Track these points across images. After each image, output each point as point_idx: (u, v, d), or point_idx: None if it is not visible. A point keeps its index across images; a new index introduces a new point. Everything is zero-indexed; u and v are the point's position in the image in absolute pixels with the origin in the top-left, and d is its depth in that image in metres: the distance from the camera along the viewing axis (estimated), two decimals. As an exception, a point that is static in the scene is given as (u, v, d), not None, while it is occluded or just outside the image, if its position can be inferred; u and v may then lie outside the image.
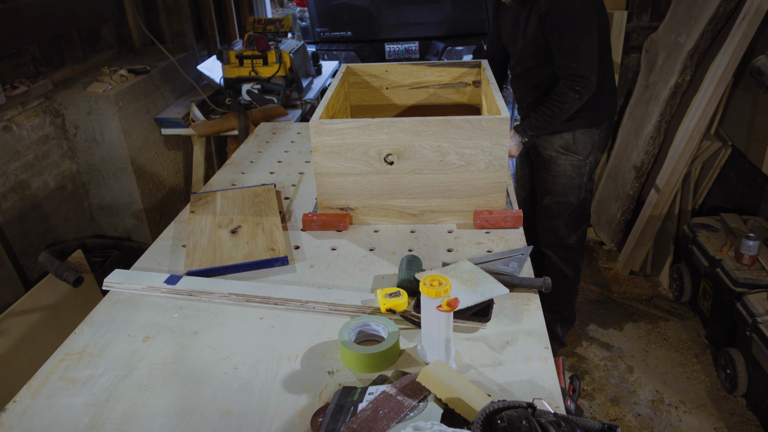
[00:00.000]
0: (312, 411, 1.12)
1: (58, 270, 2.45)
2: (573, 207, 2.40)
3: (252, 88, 3.32)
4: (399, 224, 1.79)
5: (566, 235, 2.46)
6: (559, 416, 0.93)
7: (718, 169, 3.04)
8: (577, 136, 2.27)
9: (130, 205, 3.07)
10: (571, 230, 2.45)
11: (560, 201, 2.39)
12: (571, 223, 2.44)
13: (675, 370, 2.63)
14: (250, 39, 3.38)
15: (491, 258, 1.57)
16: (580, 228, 2.48)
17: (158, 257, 1.68)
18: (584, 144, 2.29)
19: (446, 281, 1.15)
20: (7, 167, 2.48)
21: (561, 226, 2.44)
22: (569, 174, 2.34)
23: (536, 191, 2.51)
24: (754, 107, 2.70)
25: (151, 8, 3.61)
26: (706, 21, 2.83)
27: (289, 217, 1.88)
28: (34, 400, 1.18)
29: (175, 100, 3.46)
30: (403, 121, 1.64)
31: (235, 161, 2.33)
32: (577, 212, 2.42)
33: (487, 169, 1.69)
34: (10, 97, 2.51)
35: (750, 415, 2.36)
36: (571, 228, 2.45)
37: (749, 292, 2.41)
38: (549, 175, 2.38)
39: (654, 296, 3.14)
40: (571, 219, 2.42)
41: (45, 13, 2.79)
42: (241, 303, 1.45)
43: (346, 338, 1.24)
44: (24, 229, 2.57)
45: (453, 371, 1.08)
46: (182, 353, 1.30)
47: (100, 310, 1.46)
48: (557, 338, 2.71)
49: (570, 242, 2.47)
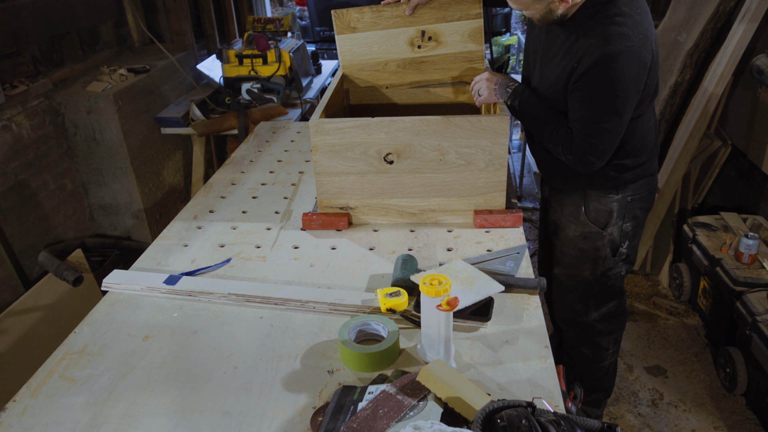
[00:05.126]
0: (312, 410, 1.12)
1: (57, 269, 2.45)
2: (588, 282, 1.94)
3: (252, 88, 3.31)
4: (399, 223, 1.79)
5: (582, 312, 2.01)
6: (559, 415, 0.93)
7: (718, 168, 3.04)
8: (590, 204, 1.83)
9: (129, 205, 3.07)
10: (590, 307, 1.99)
11: (570, 274, 1.97)
12: (589, 300, 1.98)
13: (675, 369, 2.63)
14: (249, 38, 3.38)
15: (487, 257, 1.57)
16: (605, 306, 1.99)
17: (158, 256, 1.68)
18: (599, 213, 1.83)
19: (446, 280, 1.15)
20: (6, 166, 2.48)
21: (574, 301, 2.01)
22: (579, 245, 1.89)
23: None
24: (754, 106, 2.70)
25: (150, 7, 3.61)
26: (706, 20, 2.83)
27: (288, 216, 1.88)
28: (33, 400, 1.18)
29: (174, 99, 3.46)
30: (402, 120, 1.64)
31: (235, 160, 2.33)
32: (595, 289, 1.95)
33: (487, 169, 1.69)
34: (9, 97, 2.51)
35: (749, 413, 2.37)
36: (589, 305, 1.99)
37: (749, 291, 2.41)
38: (558, 241, 1.96)
39: (654, 295, 3.14)
40: (589, 295, 1.97)
41: (44, 12, 2.79)
42: (240, 303, 1.45)
43: (346, 337, 1.24)
44: (24, 228, 2.57)
45: (453, 370, 1.08)
46: (182, 353, 1.30)
47: (100, 310, 1.46)
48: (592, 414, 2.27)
49: (587, 320, 2.01)
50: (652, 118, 1.80)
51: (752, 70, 2.59)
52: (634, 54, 1.49)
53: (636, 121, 1.70)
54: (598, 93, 1.55)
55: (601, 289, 1.96)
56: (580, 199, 1.84)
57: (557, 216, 1.93)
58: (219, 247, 1.71)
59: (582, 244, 1.88)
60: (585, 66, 1.53)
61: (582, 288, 1.96)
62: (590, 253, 1.89)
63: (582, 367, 2.15)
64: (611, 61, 1.49)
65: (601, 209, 1.82)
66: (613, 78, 1.51)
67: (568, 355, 2.17)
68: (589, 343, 2.08)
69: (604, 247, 1.87)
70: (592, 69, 1.52)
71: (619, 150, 1.71)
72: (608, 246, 1.87)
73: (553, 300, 2.10)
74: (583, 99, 1.59)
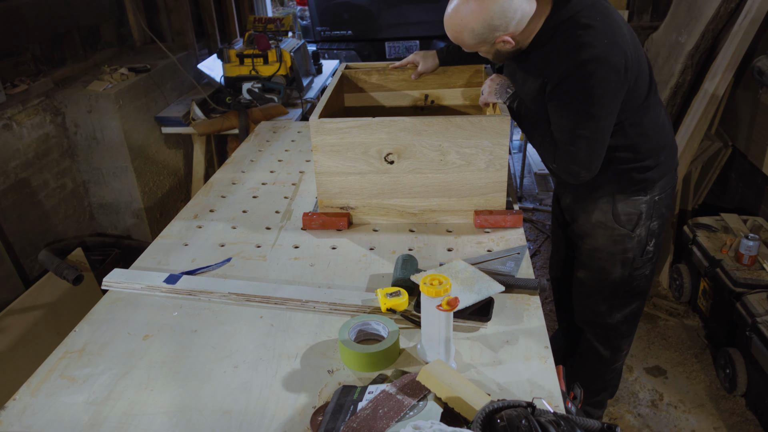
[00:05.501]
0: (312, 410, 1.12)
1: (58, 268, 2.45)
2: (615, 284, 1.93)
3: (252, 87, 3.31)
4: (399, 223, 1.79)
5: (606, 313, 2.00)
6: (559, 415, 0.93)
7: (719, 169, 3.04)
8: (618, 208, 1.82)
9: (130, 204, 3.08)
10: (614, 308, 1.99)
11: (597, 278, 1.96)
12: (614, 302, 1.98)
13: (674, 370, 2.63)
14: (250, 38, 3.38)
15: (487, 258, 1.57)
16: (628, 307, 1.99)
17: (158, 255, 1.68)
18: (628, 216, 1.82)
19: (446, 280, 1.15)
20: (7, 165, 2.48)
21: (599, 303, 2.00)
22: (609, 250, 1.89)
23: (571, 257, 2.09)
24: (754, 107, 2.70)
25: (151, 7, 3.61)
26: (707, 21, 2.83)
27: (289, 216, 1.88)
28: (33, 398, 1.18)
29: (175, 98, 3.46)
30: (403, 120, 1.64)
31: (236, 160, 2.33)
32: (621, 290, 1.95)
33: (488, 169, 1.69)
34: (10, 96, 2.51)
35: (749, 414, 2.37)
36: (614, 306, 1.99)
37: (749, 292, 2.41)
38: (584, 245, 1.95)
39: (654, 296, 3.14)
40: (614, 297, 1.97)
41: (45, 11, 2.79)
42: (241, 302, 1.45)
43: (346, 337, 1.24)
44: (24, 227, 2.57)
45: (453, 370, 1.08)
46: (182, 352, 1.30)
47: (100, 309, 1.46)
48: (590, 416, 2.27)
49: (611, 321, 2.01)
50: (661, 114, 1.79)
51: (753, 72, 2.59)
52: (602, 59, 1.50)
53: (643, 120, 1.70)
54: (572, 102, 1.56)
55: (627, 291, 1.95)
56: (608, 205, 1.83)
57: (583, 222, 1.91)
58: (219, 247, 1.71)
59: (611, 248, 1.88)
60: (555, 81, 1.56)
61: (608, 290, 1.96)
62: (619, 256, 1.88)
63: (596, 369, 2.15)
64: (579, 70, 1.51)
65: (630, 212, 1.82)
66: (584, 86, 1.53)
67: (584, 357, 2.17)
68: (609, 345, 2.09)
69: (633, 248, 1.87)
70: (562, 82, 1.55)
71: (638, 152, 1.72)
72: (637, 247, 1.87)
73: (575, 302, 2.09)
74: (558, 110, 1.61)
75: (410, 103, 2.21)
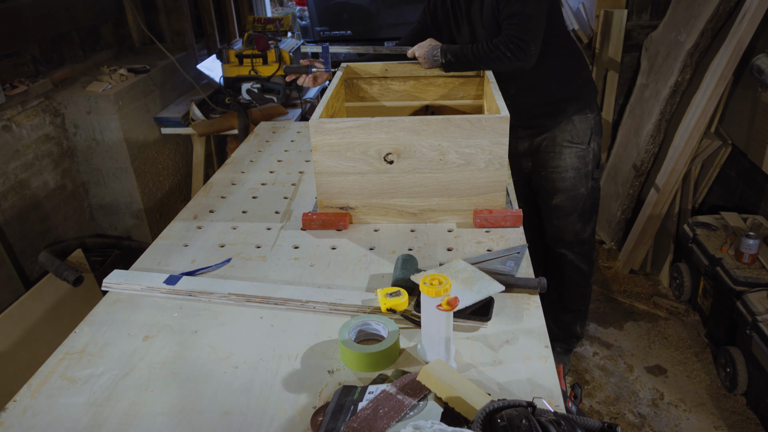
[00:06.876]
0: (312, 410, 1.12)
1: (58, 269, 2.45)
2: (584, 198, 2.33)
3: (252, 87, 3.32)
4: (399, 223, 1.79)
5: (581, 229, 2.40)
6: (559, 415, 0.93)
7: (718, 168, 3.04)
8: (575, 124, 2.24)
9: (129, 205, 3.08)
10: (586, 223, 2.40)
11: (572, 195, 2.32)
12: (585, 216, 2.38)
13: (675, 369, 2.63)
14: (249, 38, 3.38)
15: (487, 257, 1.57)
16: (593, 219, 2.43)
17: (158, 256, 1.68)
18: (584, 131, 2.25)
19: (446, 280, 1.15)
20: (6, 166, 2.48)
21: (576, 221, 2.37)
22: (576, 166, 2.28)
23: (539, 195, 2.42)
24: (754, 106, 2.70)
25: (150, 8, 3.61)
26: (707, 19, 2.83)
27: (288, 216, 1.88)
28: (34, 400, 1.18)
29: (174, 99, 3.46)
30: (402, 120, 1.64)
31: (235, 160, 2.33)
32: (588, 203, 2.36)
33: (487, 168, 1.69)
34: (9, 97, 2.51)
35: (750, 413, 2.37)
36: (585, 221, 2.39)
37: (749, 290, 2.41)
38: (556, 172, 2.31)
39: (654, 295, 3.14)
40: (584, 211, 2.37)
41: (45, 12, 2.79)
42: (241, 303, 1.45)
43: (346, 337, 1.24)
44: (24, 228, 2.57)
45: (453, 370, 1.08)
46: (182, 353, 1.30)
47: (100, 310, 1.46)
48: (575, 335, 2.63)
49: (585, 236, 2.41)
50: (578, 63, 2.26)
51: (752, 70, 2.59)
52: None
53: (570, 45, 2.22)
54: None
55: (591, 203, 2.36)
56: (569, 124, 2.24)
57: (551, 148, 2.28)
58: (219, 247, 1.71)
59: (577, 163, 2.27)
60: None
61: (580, 206, 2.34)
62: (582, 170, 2.28)
63: (578, 286, 2.49)
64: None
65: (585, 128, 2.25)
66: None
67: (570, 278, 2.46)
68: (587, 259, 2.44)
69: (590, 161, 2.28)
70: None
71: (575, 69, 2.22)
72: (592, 160, 2.28)
73: (551, 232, 2.42)
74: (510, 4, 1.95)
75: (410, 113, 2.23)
